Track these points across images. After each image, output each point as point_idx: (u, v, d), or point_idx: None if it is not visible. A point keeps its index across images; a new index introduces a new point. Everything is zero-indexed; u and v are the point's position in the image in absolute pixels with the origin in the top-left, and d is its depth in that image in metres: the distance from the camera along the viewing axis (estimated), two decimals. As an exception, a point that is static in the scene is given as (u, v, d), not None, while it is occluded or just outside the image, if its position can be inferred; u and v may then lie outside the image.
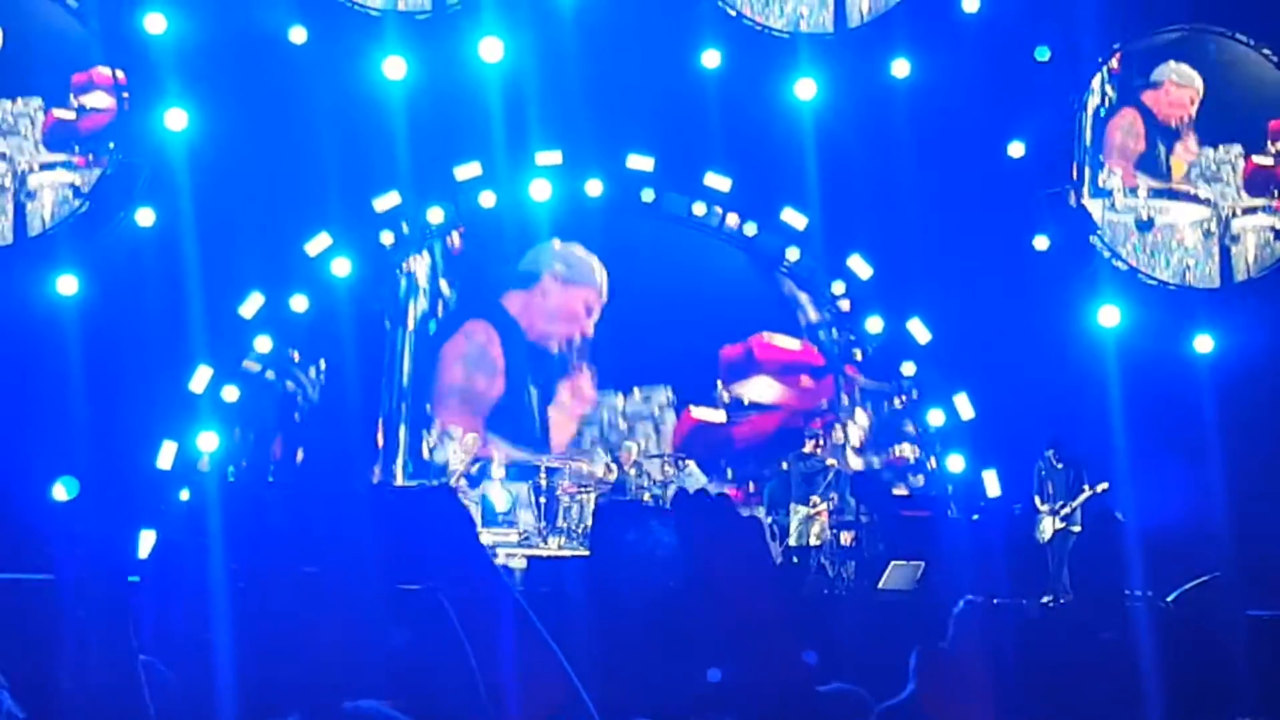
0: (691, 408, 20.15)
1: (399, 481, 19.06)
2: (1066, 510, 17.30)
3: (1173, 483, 17.69)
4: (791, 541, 17.89)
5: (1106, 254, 19.84)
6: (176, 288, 17.37)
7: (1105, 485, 17.34)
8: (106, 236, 18.14)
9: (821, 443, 18.65)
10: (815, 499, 17.93)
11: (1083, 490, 17.34)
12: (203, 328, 17.78)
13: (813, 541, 17.87)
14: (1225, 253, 20.11)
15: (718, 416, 20.22)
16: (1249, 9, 19.67)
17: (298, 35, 18.43)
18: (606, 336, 20.33)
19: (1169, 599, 15.78)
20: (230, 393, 18.74)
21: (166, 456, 17.99)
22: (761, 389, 20.42)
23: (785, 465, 18.54)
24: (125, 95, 18.00)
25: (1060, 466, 17.48)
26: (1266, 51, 19.85)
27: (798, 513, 17.93)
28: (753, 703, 2.04)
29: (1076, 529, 17.31)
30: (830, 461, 18.42)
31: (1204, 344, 19.52)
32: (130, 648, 4.23)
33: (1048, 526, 17.29)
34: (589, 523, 17.86)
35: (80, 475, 17.55)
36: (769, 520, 18.31)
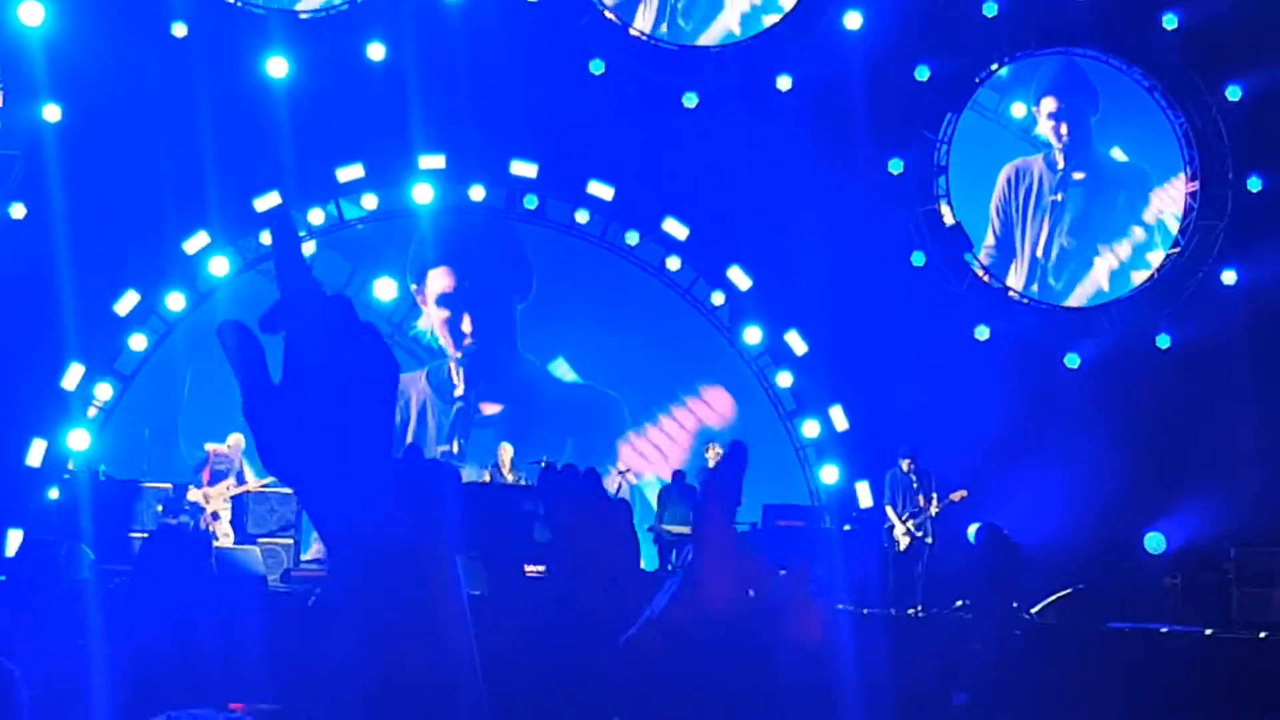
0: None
1: None
2: (916, 521, 17.46)
3: (1041, 495, 18.03)
4: None
5: (979, 271, 20.24)
6: (50, 283, 17.08)
7: (963, 493, 17.49)
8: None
9: (721, 448, 18.33)
10: None
11: (933, 501, 17.50)
12: (76, 325, 17.49)
13: None
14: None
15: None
16: (1122, 31, 20.10)
17: (179, 30, 18.22)
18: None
19: (1033, 610, 16.05)
20: (103, 390, 18.48)
21: (36, 454, 17.68)
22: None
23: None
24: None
25: (913, 477, 17.65)
26: (1138, 74, 20.35)
27: None
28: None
29: (930, 540, 17.50)
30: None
31: (1072, 360, 19.96)
32: None
33: (902, 537, 17.47)
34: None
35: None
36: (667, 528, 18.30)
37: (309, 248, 19.95)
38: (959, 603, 16.24)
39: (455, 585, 1.67)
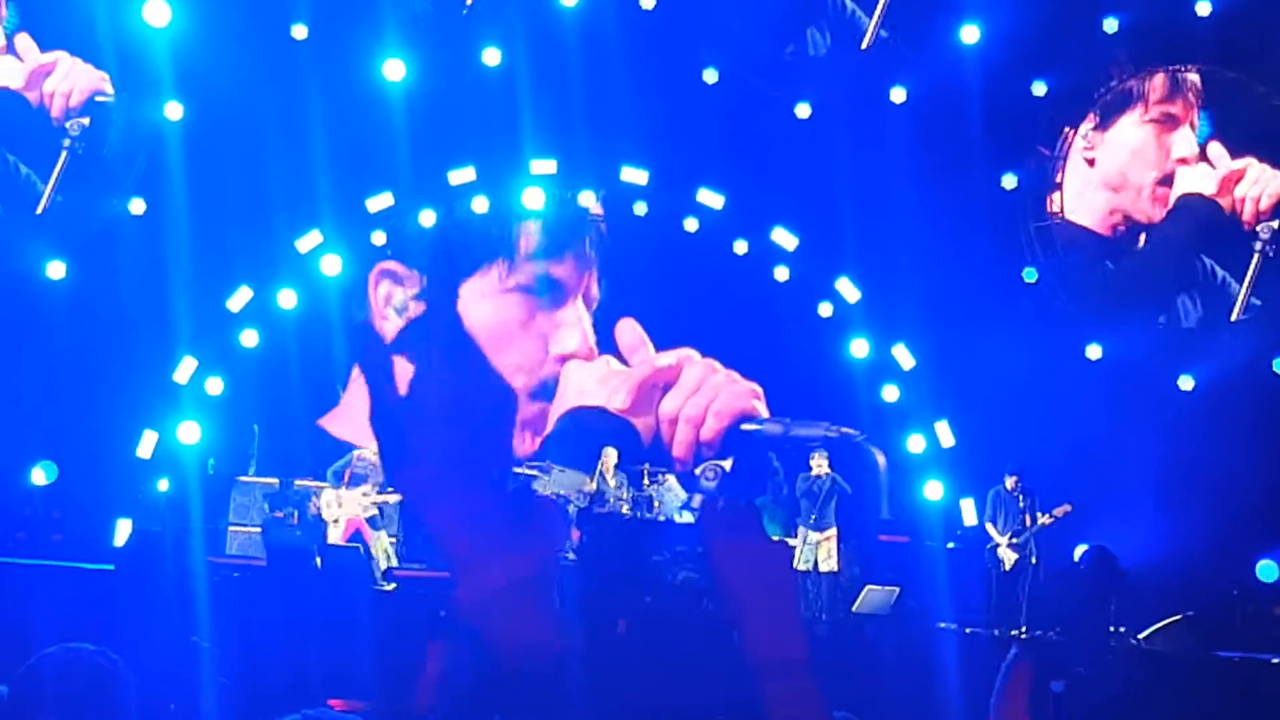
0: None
1: None
2: (1020, 540, 17.23)
3: (1150, 519, 17.76)
4: (802, 566, 17.63)
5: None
6: (165, 278, 17.36)
7: (1068, 508, 17.19)
8: (98, 223, 18.14)
9: (826, 458, 18.09)
10: (829, 526, 17.66)
11: (1038, 520, 17.26)
12: (189, 319, 17.75)
13: (822, 568, 17.65)
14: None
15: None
16: (1245, 45, 19.75)
17: (299, 32, 18.44)
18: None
19: (1141, 636, 15.83)
20: (214, 385, 18.72)
21: (147, 445, 17.95)
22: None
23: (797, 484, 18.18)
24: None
25: (1019, 495, 17.42)
26: (1261, 90, 19.99)
27: (809, 538, 17.68)
28: None
29: (1034, 560, 17.25)
30: (823, 469, 17.92)
31: (1186, 382, 19.65)
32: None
33: (1006, 555, 17.25)
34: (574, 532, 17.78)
35: (60, 460, 17.54)
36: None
37: None
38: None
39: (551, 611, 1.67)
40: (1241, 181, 20.01)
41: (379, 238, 19.25)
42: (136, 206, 18.16)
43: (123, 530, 16.74)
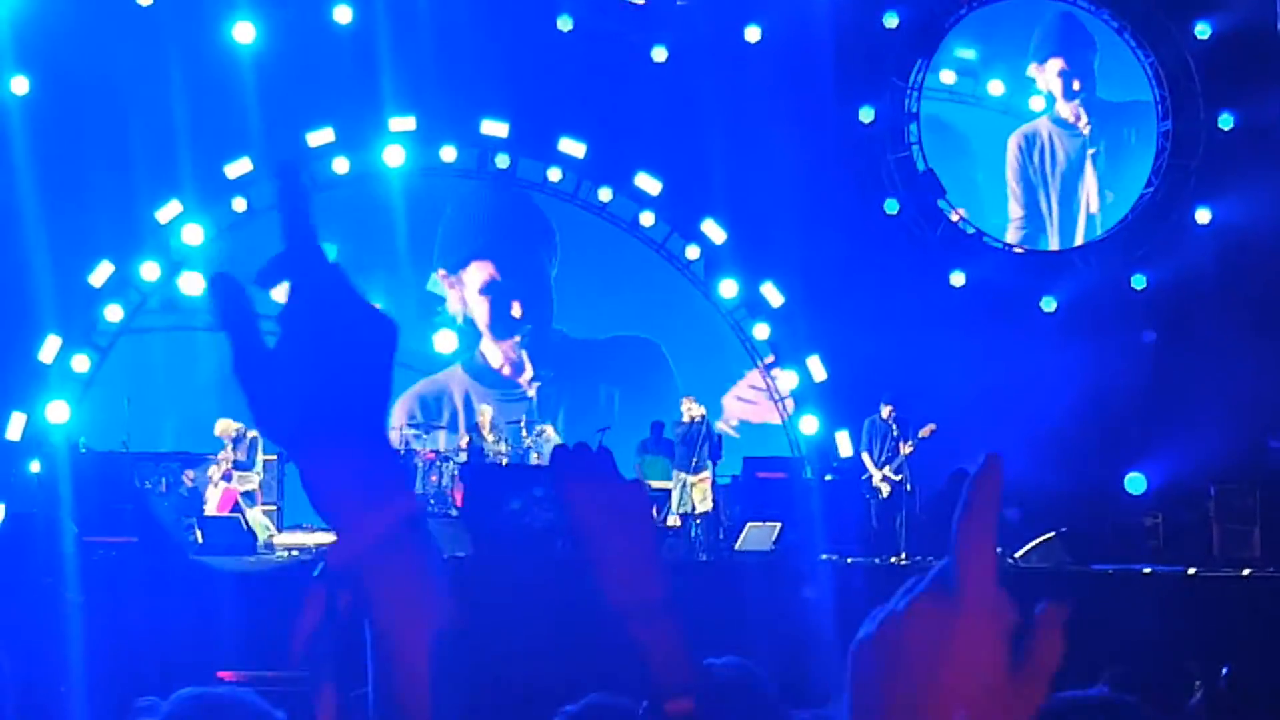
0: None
1: None
2: (894, 468, 17.41)
3: (1021, 439, 18.08)
4: (681, 510, 17.83)
5: (954, 217, 20.25)
6: (23, 257, 17.02)
7: (932, 427, 17.34)
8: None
9: (694, 405, 18.42)
10: (704, 469, 17.86)
11: (903, 448, 17.45)
12: (52, 297, 17.44)
13: (698, 509, 17.82)
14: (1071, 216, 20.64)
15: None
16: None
17: (144, -1, 18.09)
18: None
19: (1016, 555, 16.14)
20: (80, 362, 18.42)
21: (15, 427, 17.66)
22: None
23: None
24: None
25: (893, 424, 17.60)
26: (1106, 16, 20.32)
27: (681, 479, 17.86)
28: (638, 675, 2.02)
29: (909, 487, 17.43)
30: (695, 414, 18.29)
31: (1049, 304, 20.00)
32: None
33: (881, 484, 17.43)
34: (453, 488, 17.80)
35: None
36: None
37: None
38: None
39: (435, 554, 1.66)
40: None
41: (239, 204, 18.98)
42: (-12, 186, 17.76)
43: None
